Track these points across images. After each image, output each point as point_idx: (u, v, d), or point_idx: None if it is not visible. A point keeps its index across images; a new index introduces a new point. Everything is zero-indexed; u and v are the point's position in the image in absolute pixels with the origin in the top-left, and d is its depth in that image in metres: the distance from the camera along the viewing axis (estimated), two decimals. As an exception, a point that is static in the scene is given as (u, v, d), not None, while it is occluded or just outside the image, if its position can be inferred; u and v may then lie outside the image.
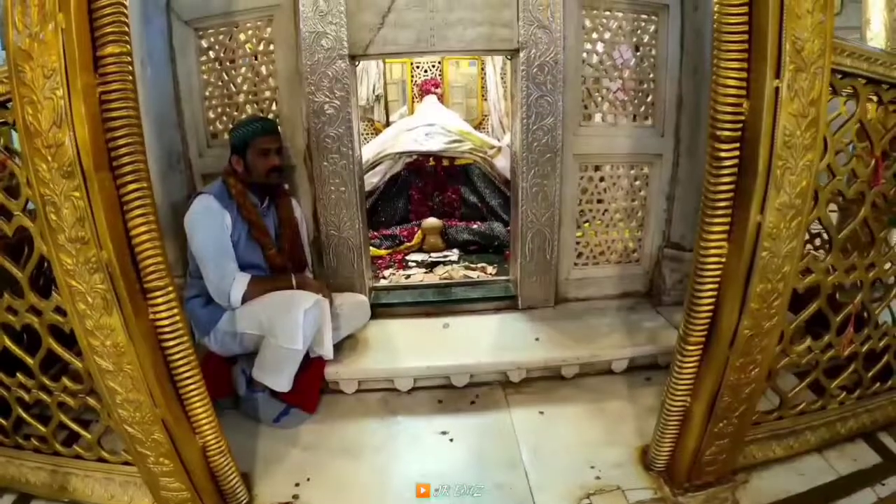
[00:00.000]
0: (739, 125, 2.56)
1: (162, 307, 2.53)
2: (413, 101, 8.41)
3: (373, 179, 6.02)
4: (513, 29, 4.04)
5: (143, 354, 2.51)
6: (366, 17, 3.99)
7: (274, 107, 4.25)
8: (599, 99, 4.40)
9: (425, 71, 8.70)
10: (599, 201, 4.55)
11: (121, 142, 2.38)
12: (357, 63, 4.30)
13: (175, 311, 2.57)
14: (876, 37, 5.32)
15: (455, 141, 6.20)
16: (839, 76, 2.77)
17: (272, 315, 3.43)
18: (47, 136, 2.33)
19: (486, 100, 8.73)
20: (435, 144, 6.15)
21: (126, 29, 2.40)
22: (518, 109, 4.17)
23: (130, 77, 2.41)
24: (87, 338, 2.51)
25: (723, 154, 2.57)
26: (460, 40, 4.07)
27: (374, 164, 6.10)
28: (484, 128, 8.74)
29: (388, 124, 8.59)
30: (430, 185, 6.21)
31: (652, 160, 4.51)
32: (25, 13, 2.29)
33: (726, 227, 2.67)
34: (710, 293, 2.75)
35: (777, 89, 2.43)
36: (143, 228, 2.45)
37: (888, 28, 5.21)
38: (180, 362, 2.60)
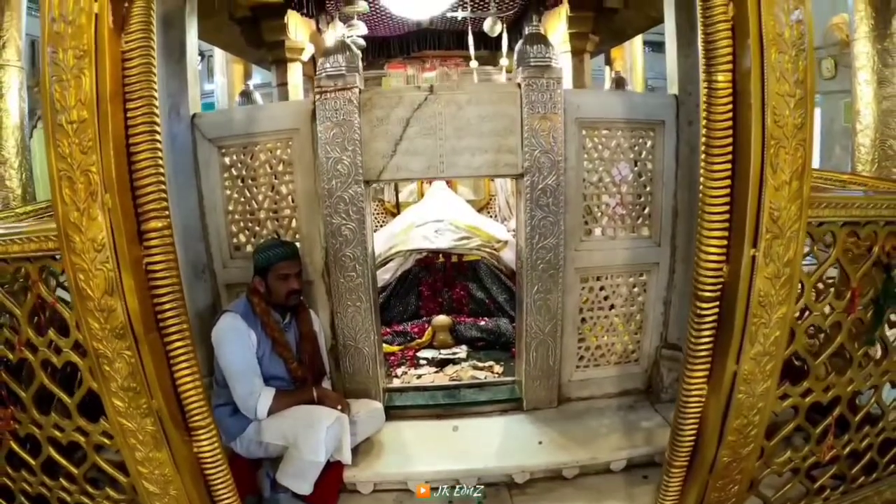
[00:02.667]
0: (719, 287, 2.82)
1: (205, 443, 2.86)
2: (422, 182, 8.59)
3: (384, 276, 6.25)
4: (517, 155, 4.30)
5: (188, 482, 2.80)
6: (379, 144, 4.27)
7: (293, 224, 4.51)
8: (599, 214, 4.63)
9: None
10: (600, 308, 4.74)
11: (167, 306, 2.65)
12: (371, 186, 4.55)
13: (216, 445, 2.87)
14: (866, 128, 5.60)
15: (463, 238, 6.42)
16: (817, 225, 2.98)
17: (296, 429, 3.68)
18: (99, 301, 2.58)
19: (493, 181, 8.93)
20: (444, 242, 6.37)
21: (166, 203, 2.67)
22: (522, 229, 4.41)
23: (172, 248, 2.67)
24: (137, 465, 2.80)
25: (704, 311, 2.84)
26: (468, 166, 4.34)
27: (385, 261, 6.32)
28: (491, 207, 8.96)
29: (397, 204, 8.82)
30: (439, 281, 6.44)
31: (649, 268, 4.73)
32: (73, 189, 2.55)
33: (706, 373, 2.96)
34: (691, 427, 3.04)
35: (753, 257, 2.67)
36: (188, 379, 2.75)
37: (877, 119, 5.47)
38: (219, 486, 2.91)
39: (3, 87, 5.42)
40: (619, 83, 6.27)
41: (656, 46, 16.96)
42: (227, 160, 4.52)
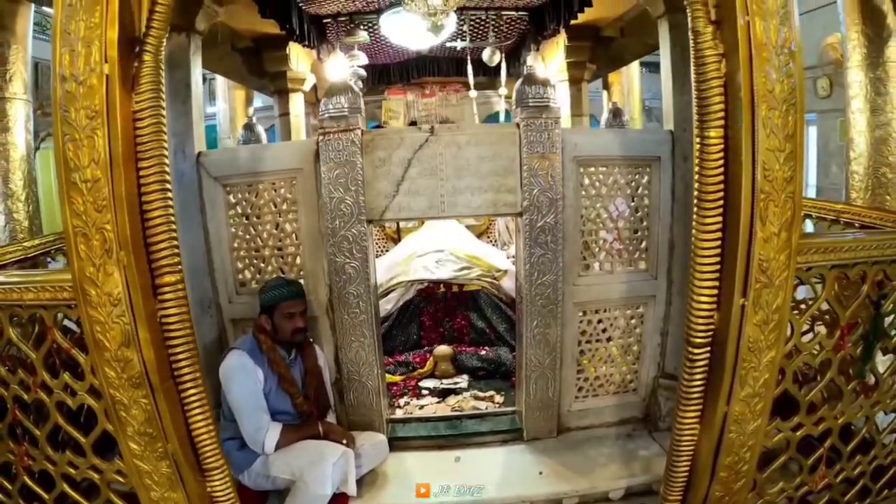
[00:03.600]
0: (710, 333, 2.92)
1: (218, 483, 3.04)
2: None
3: (386, 306, 6.33)
4: (516, 194, 4.39)
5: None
6: (382, 185, 4.36)
7: (298, 261, 4.60)
8: (597, 249, 4.71)
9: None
10: (598, 340, 4.81)
11: (181, 356, 2.76)
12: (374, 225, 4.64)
13: (228, 484, 3.01)
14: (860, 156, 5.69)
15: (464, 268, 6.51)
16: (806, 269, 3.08)
17: (303, 464, 3.78)
18: (115, 352, 2.68)
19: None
20: (445, 273, 6.47)
21: (179, 258, 2.77)
22: (522, 266, 4.50)
23: (185, 301, 2.77)
24: (152, 504, 2.91)
25: (695, 356, 2.95)
26: (468, 206, 4.45)
27: (387, 291, 6.41)
28: (490, 233, 9.06)
29: (398, 230, 8.91)
30: (440, 311, 6.51)
31: (646, 301, 4.80)
32: (89, 246, 2.65)
33: (698, 414, 3.06)
34: (685, 464, 3.17)
35: (743, 306, 2.77)
36: (201, 424, 2.87)
37: (870, 147, 5.56)
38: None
39: (10, 120, 5.51)
40: (617, 113, 6.34)
41: (653, 67, 17.02)
42: (232, 198, 4.60)
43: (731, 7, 2.76)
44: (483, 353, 6.17)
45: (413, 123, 11.06)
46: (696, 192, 2.91)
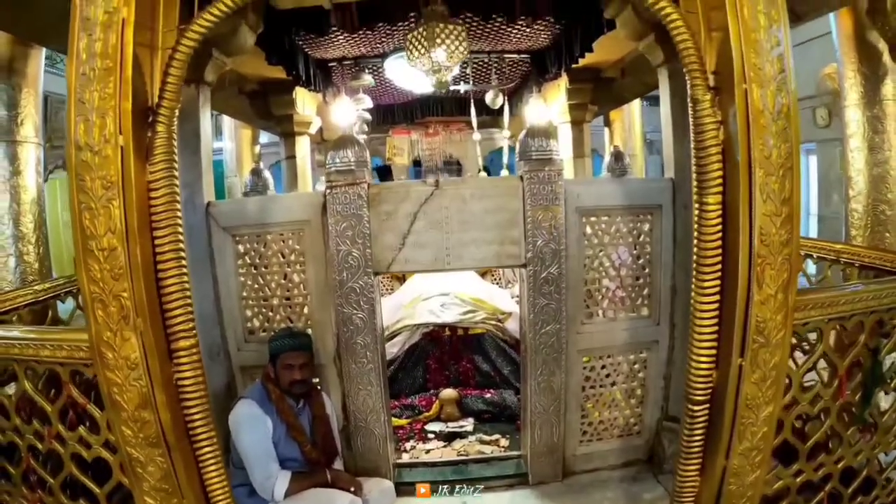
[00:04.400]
0: (709, 391, 3.00)
1: None
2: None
3: (392, 350, 6.37)
4: (520, 246, 4.46)
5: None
6: (388, 238, 4.44)
7: (305, 311, 4.66)
8: (599, 297, 4.77)
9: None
10: (602, 386, 4.86)
11: (197, 417, 2.85)
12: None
13: None
14: (858, 194, 5.75)
15: (469, 311, 6.58)
16: (803, 324, 3.15)
17: (312, 512, 3.85)
18: (132, 413, 2.76)
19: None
20: (450, 316, 6.54)
21: (193, 323, 2.86)
22: (526, 315, 4.55)
23: (200, 364, 2.86)
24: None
25: (695, 413, 3.03)
26: (473, 258, 4.52)
27: (392, 335, 6.47)
28: (494, 272, 9.10)
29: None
30: (446, 354, 6.57)
31: (649, 346, 4.86)
32: (106, 312, 2.73)
33: (699, 467, 3.14)
34: None
35: (741, 365, 2.85)
36: (216, 481, 3.01)
37: (869, 185, 5.63)
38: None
39: (21, 163, 5.59)
40: (618, 157, 6.39)
41: (654, 100, 17.10)
42: (240, 248, 4.66)
43: (728, 74, 2.86)
44: (488, 396, 6.22)
45: (417, 163, 11.19)
46: (694, 256, 3.00)
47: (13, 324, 4.29)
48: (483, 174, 9.62)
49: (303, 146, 8.87)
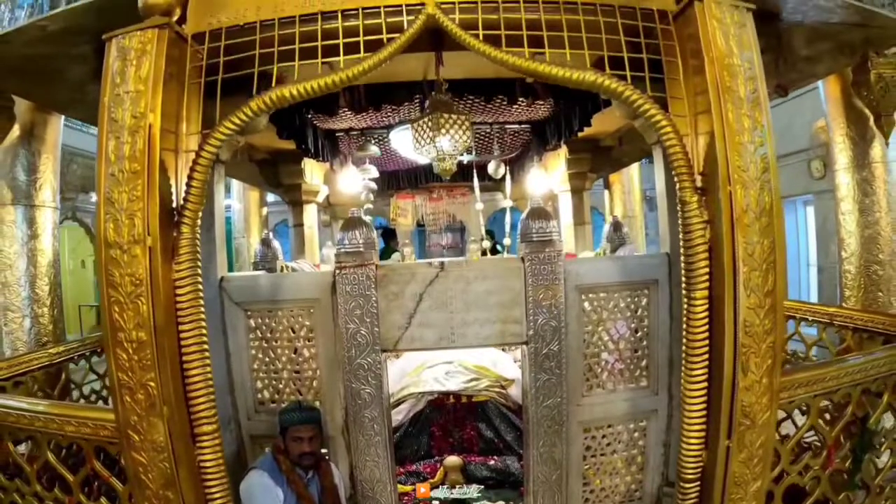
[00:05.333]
0: (699, 470, 3.18)
1: None
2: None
3: (397, 417, 6.47)
4: (522, 324, 4.62)
5: None
6: (395, 317, 4.62)
7: (315, 384, 4.81)
8: (599, 370, 4.90)
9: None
10: (602, 454, 4.96)
11: (217, 496, 3.03)
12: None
13: None
14: (851, 255, 5.94)
15: (473, 379, 6.70)
16: (789, 402, 3.33)
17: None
18: (157, 491, 2.95)
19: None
20: (454, 384, 6.66)
21: (215, 410, 3.05)
22: (528, 390, 4.70)
23: (220, 447, 3.04)
24: None
25: (687, 490, 3.24)
26: (477, 336, 4.68)
27: (397, 402, 6.58)
28: (497, 333, 9.23)
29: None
30: (450, 421, 6.70)
31: (648, 415, 4.97)
32: (134, 399, 2.93)
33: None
34: None
35: (728, 447, 3.04)
36: None
37: (861, 247, 5.81)
38: None
39: (39, 227, 5.84)
40: (617, 227, 6.62)
41: (653, 158, 17.32)
42: (252, 322, 4.82)
43: (714, 176, 3.08)
44: (492, 462, 6.34)
45: (420, 225, 11.41)
46: (683, 347, 3.19)
47: (29, 386, 4.49)
48: (486, 240, 9.78)
49: (310, 214, 9.08)
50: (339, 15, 3.60)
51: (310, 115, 6.63)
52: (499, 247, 11.12)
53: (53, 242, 6.06)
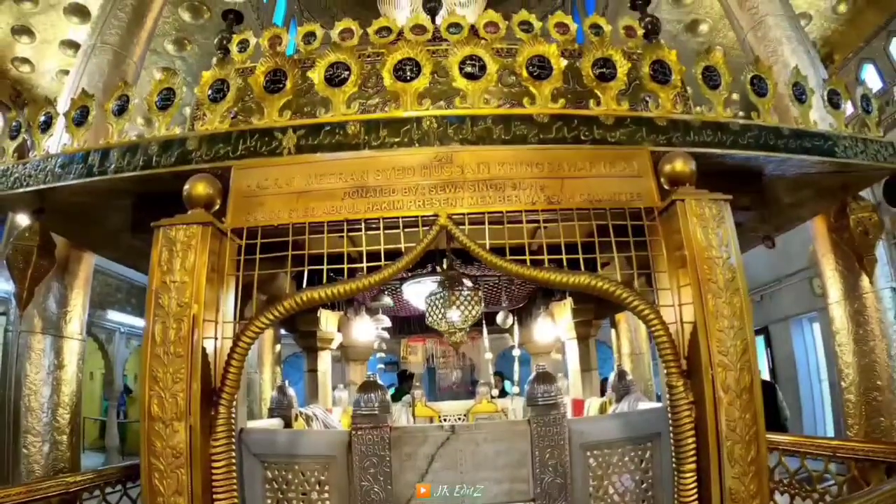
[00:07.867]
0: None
1: None
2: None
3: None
4: (528, 483, 4.80)
5: None
6: (408, 476, 4.80)
7: (329, 540, 4.96)
8: (605, 522, 5.05)
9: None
10: None
11: None
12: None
13: None
14: (851, 385, 6.38)
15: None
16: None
17: None
18: None
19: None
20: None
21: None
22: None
23: None
24: None
25: None
26: (486, 495, 4.82)
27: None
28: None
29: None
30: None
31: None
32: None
33: None
34: None
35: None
36: None
37: (860, 375, 6.03)
38: None
39: (65, 358, 6.13)
40: (622, 376, 6.87)
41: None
42: (269, 473, 4.93)
43: (697, 360, 3.38)
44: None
45: (430, 368, 11.70)
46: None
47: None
48: (494, 386, 10.03)
49: (324, 361, 9.30)
50: (363, 224, 4.06)
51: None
52: (506, 388, 11.39)
53: (77, 374, 6.31)
